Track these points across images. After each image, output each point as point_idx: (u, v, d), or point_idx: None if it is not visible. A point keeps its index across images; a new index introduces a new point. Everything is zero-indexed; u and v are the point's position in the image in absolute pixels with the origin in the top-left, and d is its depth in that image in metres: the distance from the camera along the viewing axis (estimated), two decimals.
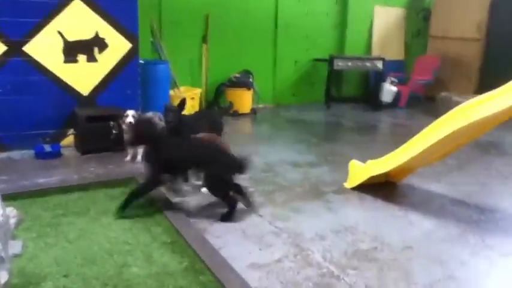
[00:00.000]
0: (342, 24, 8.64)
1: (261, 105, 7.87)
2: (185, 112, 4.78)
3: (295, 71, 8.40)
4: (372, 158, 4.09)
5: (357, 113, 7.90)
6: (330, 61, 7.98)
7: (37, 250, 2.93)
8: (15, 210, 3.29)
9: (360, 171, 4.10)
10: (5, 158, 4.81)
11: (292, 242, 3.17)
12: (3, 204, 3.07)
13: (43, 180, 4.23)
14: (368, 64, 8.26)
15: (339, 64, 7.95)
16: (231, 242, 3.16)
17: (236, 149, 5.29)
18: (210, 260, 2.82)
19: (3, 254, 2.66)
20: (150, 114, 5.03)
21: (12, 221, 3.17)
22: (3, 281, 2.52)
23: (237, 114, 7.14)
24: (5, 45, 4.86)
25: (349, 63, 8.05)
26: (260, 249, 3.06)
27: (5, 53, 4.87)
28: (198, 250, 2.93)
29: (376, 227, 3.45)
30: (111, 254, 2.90)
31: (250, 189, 4.12)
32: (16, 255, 2.84)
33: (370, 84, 8.76)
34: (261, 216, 3.59)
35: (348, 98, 8.75)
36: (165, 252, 2.95)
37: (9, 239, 2.90)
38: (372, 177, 4.05)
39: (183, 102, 4.45)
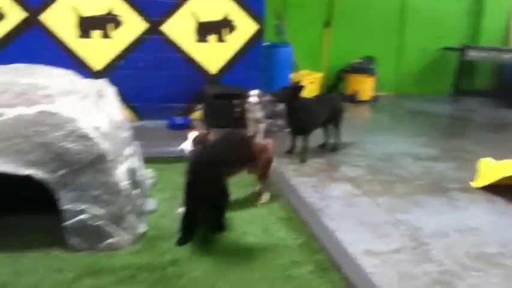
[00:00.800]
0: (477, 10, 7.94)
1: (381, 93, 7.62)
2: (306, 95, 4.80)
3: (421, 59, 7.96)
4: (504, 159, 3.77)
5: (489, 109, 7.26)
6: (462, 50, 7.42)
7: (169, 209, 3.21)
8: (151, 172, 3.68)
9: (491, 170, 3.80)
10: (140, 126, 5.28)
11: (410, 235, 3.08)
12: (143, 165, 3.45)
13: (174, 149, 4.59)
14: (505, 56, 7.52)
15: (471, 54, 7.37)
16: (345, 226, 3.15)
17: (354, 136, 5.26)
18: (325, 241, 2.85)
19: (142, 209, 2.99)
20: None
21: (149, 181, 3.54)
22: (142, 231, 2.85)
23: (356, 101, 7.02)
24: (147, 23, 5.33)
25: (484, 54, 7.41)
26: (376, 238, 3.02)
27: (146, 31, 5.35)
28: (313, 229, 2.98)
29: (505, 231, 3.19)
30: (232, 221, 3.06)
31: (367, 178, 4.07)
32: (151, 212, 3.18)
33: (506, 78, 7.97)
34: (378, 205, 3.53)
35: (479, 91, 8.05)
36: (281, 227, 3.05)
37: (146, 197, 3.25)
38: (504, 179, 3.72)
39: (299, 87, 4.43)
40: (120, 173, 2.71)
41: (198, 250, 2.73)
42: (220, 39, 5.63)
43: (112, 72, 5.25)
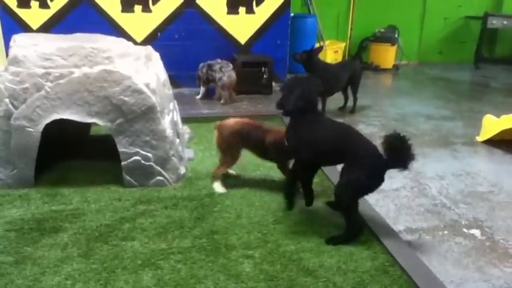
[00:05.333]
0: None
1: (404, 62, 7.93)
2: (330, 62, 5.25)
3: (444, 28, 8.19)
4: None
5: (509, 75, 7.49)
6: (484, 19, 7.60)
7: (204, 157, 3.80)
8: (188, 129, 4.26)
9: (493, 124, 4.18)
10: (178, 93, 5.86)
11: (412, 177, 3.55)
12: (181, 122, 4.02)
13: (207, 111, 5.19)
14: None
15: (493, 22, 7.54)
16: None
17: (374, 100, 5.68)
18: (335, 180, 3.36)
19: (182, 155, 3.58)
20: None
21: (186, 136, 4.14)
22: (183, 172, 3.44)
23: (378, 69, 7.37)
24: None
25: (505, 22, 7.56)
26: None
27: (182, 4, 5.87)
28: (326, 173, 3.49)
29: (498, 175, 3.61)
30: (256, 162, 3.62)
31: (380, 134, 4.50)
32: (190, 159, 3.77)
33: None
34: None
35: (502, 59, 8.26)
36: None
37: (185, 147, 3.84)
38: (506, 133, 4.10)
39: (318, 48, 4.87)
40: (166, 123, 3.28)
41: (229, 188, 3.29)
42: (250, 11, 6.09)
43: (151, 43, 5.79)
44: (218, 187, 3.25)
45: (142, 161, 3.24)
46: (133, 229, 2.74)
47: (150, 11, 5.80)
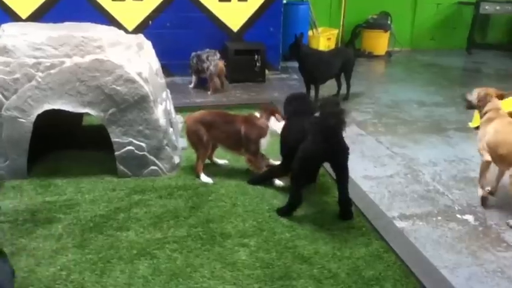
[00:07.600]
0: None
1: (396, 48, 7.91)
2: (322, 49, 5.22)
3: (437, 14, 8.17)
4: None
5: (501, 61, 7.50)
6: (476, 4, 7.60)
7: None
8: (182, 118, 4.23)
9: None
10: (170, 82, 5.81)
11: (405, 164, 3.57)
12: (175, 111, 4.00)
13: (200, 100, 5.16)
14: None
15: (486, 8, 7.54)
16: (350, 159, 3.64)
17: (367, 87, 5.68)
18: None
19: (176, 144, 3.56)
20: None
21: (180, 125, 4.11)
22: (176, 162, 3.43)
23: (371, 56, 7.35)
24: None
25: (498, 7, 7.56)
26: (375, 167, 3.53)
27: None
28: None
29: None
30: None
31: (373, 121, 4.53)
32: (183, 148, 3.76)
33: None
34: (380, 142, 4.01)
35: (494, 44, 8.27)
36: None
37: (179, 137, 3.82)
38: None
39: (297, 38, 4.77)
40: (159, 112, 3.27)
41: (224, 177, 3.29)
42: None
43: (143, 32, 5.73)
44: (204, 178, 3.25)
45: (136, 151, 3.23)
46: (128, 219, 2.73)
47: None
